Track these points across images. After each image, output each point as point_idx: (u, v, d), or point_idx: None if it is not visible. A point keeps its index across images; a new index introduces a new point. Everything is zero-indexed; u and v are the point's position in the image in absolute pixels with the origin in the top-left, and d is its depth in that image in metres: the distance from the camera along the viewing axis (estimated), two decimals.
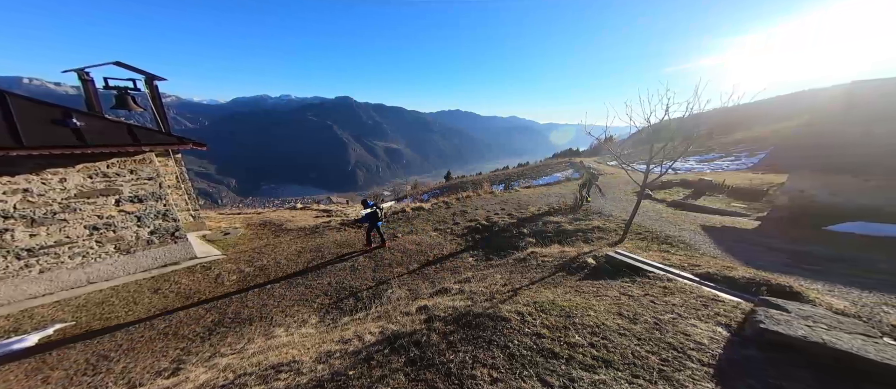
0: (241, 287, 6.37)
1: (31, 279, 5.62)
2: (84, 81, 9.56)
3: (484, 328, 2.64)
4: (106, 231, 6.50)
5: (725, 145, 29.28)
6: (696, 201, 12.81)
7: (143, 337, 4.59)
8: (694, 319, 2.80)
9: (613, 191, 14.11)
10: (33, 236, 5.63)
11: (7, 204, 5.32)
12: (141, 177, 6.94)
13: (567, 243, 7.33)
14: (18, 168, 5.41)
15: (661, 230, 7.71)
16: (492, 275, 5.27)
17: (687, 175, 18.88)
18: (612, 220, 8.93)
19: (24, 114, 5.76)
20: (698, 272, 4.22)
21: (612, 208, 10.53)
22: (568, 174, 22.70)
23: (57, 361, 3.96)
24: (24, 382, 3.55)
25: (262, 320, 5.18)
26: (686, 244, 6.57)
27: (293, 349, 2.95)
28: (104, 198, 6.44)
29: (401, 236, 9.41)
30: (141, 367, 3.87)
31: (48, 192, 5.76)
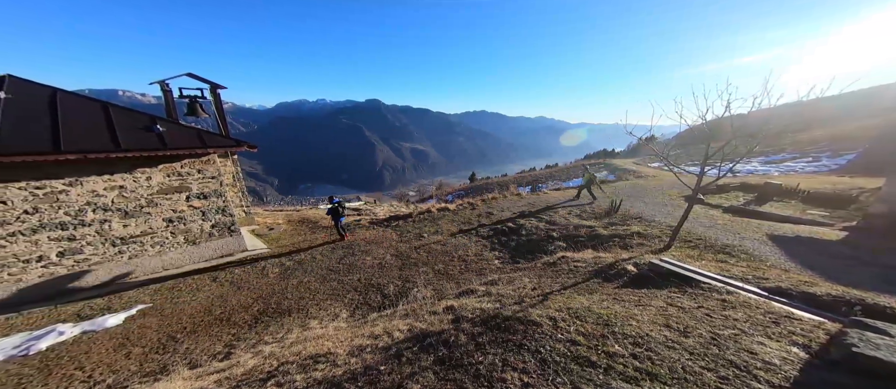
0: (283, 280, 6.92)
1: (122, 264, 6.65)
2: (165, 91, 11.19)
3: (513, 331, 2.58)
4: (178, 224, 7.47)
5: (800, 144, 25.35)
6: (761, 208, 11.25)
7: (203, 322, 5.18)
8: (762, 336, 2.46)
9: (655, 195, 12.96)
10: (126, 226, 6.66)
11: (107, 198, 6.37)
12: (206, 176, 7.87)
13: (602, 248, 6.88)
14: (116, 168, 6.44)
15: (716, 238, 6.89)
16: (520, 278, 5.12)
17: (749, 178, 16.67)
18: (655, 225, 8.20)
19: (121, 122, 6.89)
20: (767, 285, 3.69)
21: (654, 213, 9.68)
22: (602, 176, 21.30)
23: (137, 338, 4.63)
24: (112, 355, 4.20)
25: (299, 311, 5.57)
26: (749, 255, 5.79)
27: (328, 341, 3.14)
28: (178, 194, 7.40)
29: (426, 237, 9.54)
30: (200, 349, 4.37)
31: (138, 189, 6.77)
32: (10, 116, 5.75)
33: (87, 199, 6.12)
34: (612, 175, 21.49)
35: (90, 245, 6.21)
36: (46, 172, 5.65)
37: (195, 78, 11.72)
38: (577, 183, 21.11)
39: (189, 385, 2.59)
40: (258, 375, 2.49)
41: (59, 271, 5.86)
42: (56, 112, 6.30)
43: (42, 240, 5.65)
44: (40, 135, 5.61)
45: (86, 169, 6.04)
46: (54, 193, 5.76)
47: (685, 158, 24.98)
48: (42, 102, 6.53)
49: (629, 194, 12.89)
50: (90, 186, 6.13)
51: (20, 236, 5.42)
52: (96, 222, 6.24)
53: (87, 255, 6.19)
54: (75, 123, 6.26)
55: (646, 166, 25.47)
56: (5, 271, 5.32)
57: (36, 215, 5.58)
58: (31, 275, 5.58)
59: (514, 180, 27.94)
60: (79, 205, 6.03)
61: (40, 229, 5.63)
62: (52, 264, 5.78)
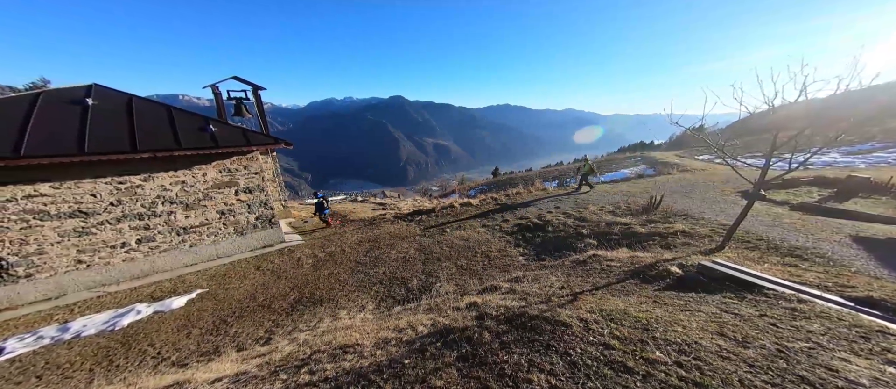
0: (316, 270, 7.35)
1: (185, 251, 7.55)
2: (216, 94, 12.40)
3: (540, 331, 2.46)
4: (229, 216, 8.27)
5: (893, 133, 21.19)
6: (841, 205, 9.62)
7: (249, 307, 5.70)
8: (845, 352, 2.08)
9: (704, 190, 11.68)
10: (187, 217, 7.53)
11: (172, 192, 7.24)
12: (251, 172, 8.59)
13: (639, 247, 6.35)
14: (178, 165, 7.28)
15: (782, 239, 6.01)
16: (546, 276, 4.91)
17: (825, 171, 14.27)
18: (703, 224, 7.39)
19: (181, 123, 7.76)
20: (853, 295, 3.14)
21: (702, 210, 8.74)
22: (639, 171, 19.63)
23: (196, 319, 5.23)
24: (176, 334, 4.78)
25: (330, 302, 5.88)
26: (826, 259, 4.94)
27: (355, 332, 3.27)
28: (228, 189, 8.19)
29: (449, 232, 9.54)
30: (246, 333, 4.81)
31: (196, 183, 7.60)
32: (97, 120, 6.75)
33: (158, 193, 7.01)
34: (651, 169, 19.74)
35: (161, 234, 7.13)
36: (126, 168, 6.57)
37: (240, 81, 12.83)
38: (611, 177, 19.75)
39: (236, 367, 2.86)
40: (293, 362, 2.68)
41: (137, 255, 6.82)
42: (132, 116, 7.27)
43: (125, 228, 6.60)
44: (121, 137, 6.52)
45: (155, 166, 6.91)
46: (133, 187, 6.69)
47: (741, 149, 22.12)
48: (121, 107, 7.55)
49: (672, 190, 11.75)
50: (159, 181, 7.02)
51: (107, 225, 6.38)
52: (165, 213, 7.14)
53: (159, 242, 7.11)
54: (146, 126, 7.17)
55: (692, 159, 23.03)
56: (97, 254, 6.31)
57: (119, 206, 6.53)
58: (117, 259, 6.57)
59: (538, 174, 26.86)
60: (151, 198, 6.94)
61: (123, 219, 6.59)
62: (132, 249, 6.74)
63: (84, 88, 8.15)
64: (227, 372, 2.69)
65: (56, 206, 5.85)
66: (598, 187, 13.74)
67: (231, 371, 2.72)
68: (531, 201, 12.16)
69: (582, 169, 13.60)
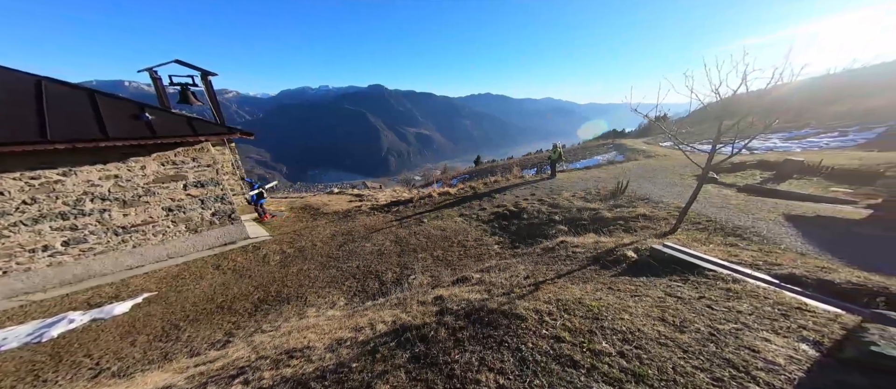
0: (283, 267, 7.01)
1: (127, 252, 6.83)
2: (154, 79, 11.00)
3: (497, 326, 2.46)
4: (178, 212, 7.56)
5: (825, 119, 23.67)
6: (779, 186, 10.64)
7: (205, 310, 5.31)
8: (767, 332, 2.27)
9: (665, 175, 12.42)
10: (126, 215, 6.77)
11: (103, 188, 6.42)
12: (201, 164, 7.83)
13: (604, 232, 6.64)
14: (108, 157, 6.42)
15: (727, 220, 6.53)
16: (515, 265, 4.99)
17: (767, 155, 15.74)
18: (662, 207, 7.86)
19: (109, 110, 6.78)
20: (779, 272, 3.43)
21: (662, 194, 9.28)
22: (610, 157, 20.51)
23: (143, 326, 4.78)
24: (119, 342, 4.35)
25: (298, 299, 5.65)
26: (762, 238, 5.44)
27: (311, 333, 3.13)
28: (175, 183, 7.42)
29: (426, 222, 9.46)
30: (201, 337, 4.48)
31: (133, 178, 6.79)
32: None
33: (84, 189, 6.18)
34: (621, 156, 20.68)
35: (93, 234, 6.36)
36: (39, 161, 5.67)
37: (184, 65, 11.45)
38: (584, 164, 20.47)
39: (164, 379, 2.62)
40: (231, 370, 2.49)
41: (66, 260, 6.06)
42: (42, 101, 6.22)
43: (45, 230, 5.79)
44: (27, 124, 5.58)
45: (77, 159, 6.05)
46: (50, 183, 5.82)
47: (697, 136, 23.76)
48: (26, 90, 6.40)
49: (638, 175, 12.39)
50: (85, 175, 6.18)
51: (22, 227, 5.56)
52: (96, 212, 6.35)
53: (92, 244, 6.35)
54: (62, 112, 6.19)
55: (657, 145, 24.38)
56: (13, 260, 5.52)
57: (35, 205, 5.69)
58: (40, 264, 5.79)
59: (518, 162, 27.31)
60: (76, 195, 6.11)
61: (42, 220, 5.76)
62: (58, 253, 5.96)
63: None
64: (152, 384, 2.46)
65: None
66: (572, 175, 14.18)
67: (158, 383, 2.49)
68: (509, 187, 12.31)
69: (551, 156, 13.91)
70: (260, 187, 10.82)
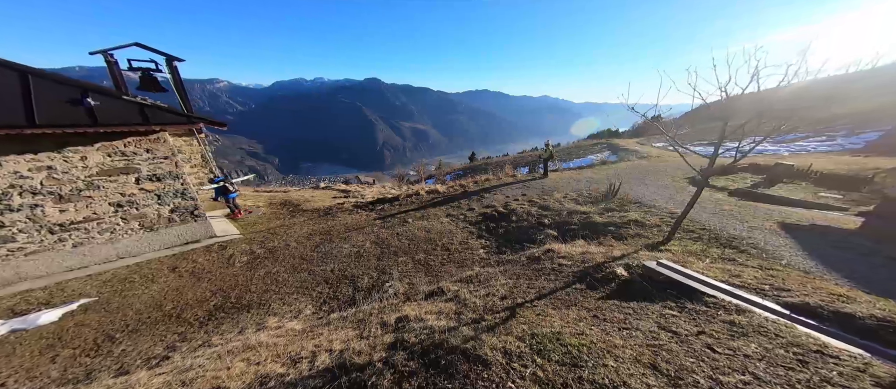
0: (250, 270, 6.42)
1: (66, 252, 6.10)
2: (108, 63, 9.91)
3: (453, 373, 2.00)
4: (130, 208, 6.81)
5: (813, 123, 24.02)
6: (770, 191, 10.54)
7: (150, 319, 4.71)
8: (784, 387, 1.87)
9: (658, 177, 12.19)
10: (63, 211, 6.01)
11: (34, 180, 5.65)
12: (157, 156, 7.06)
13: (594, 239, 6.28)
14: (39, 146, 5.62)
15: (722, 228, 6.24)
16: (495, 277, 4.56)
17: (757, 159, 15.74)
18: (654, 212, 7.55)
19: (44, 93, 5.91)
20: (789, 300, 3.07)
21: (654, 197, 9.00)
22: (604, 157, 20.30)
23: (71, 338, 4.16)
24: (36, 358, 3.74)
25: (260, 307, 5.11)
26: (760, 250, 5.13)
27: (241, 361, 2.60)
28: (125, 176, 6.66)
29: (411, 222, 8.96)
30: (137, 351, 3.91)
31: (71, 170, 6.01)
32: None
33: (10, 181, 5.41)
34: (614, 156, 20.51)
35: (23, 232, 5.61)
36: None
37: (145, 48, 10.38)
38: (578, 164, 20.23)
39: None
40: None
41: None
42: None
43: None
44: None
45: (0, 147, 5.25)
46: None
47: (693, 137, 23.81)
48: None
49: (631, 177, 12.12)
50: (11, 166, 5.39)
51: None
52: (25, 207, 5.59)
53: (22, 243, 5.61)
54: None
55: (650, 146, 24.34)
56: None
57: None
58: None
59: (512, 160, 26.91)
60: (1, 188, 5.33)
61: None
62: None
63: None
64: None
65: None
66: (564, 174, 13.85)
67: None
68: (500, 187, 11.89)
69: (543, 155, 13.45)
70: (222, 180, 9.67)
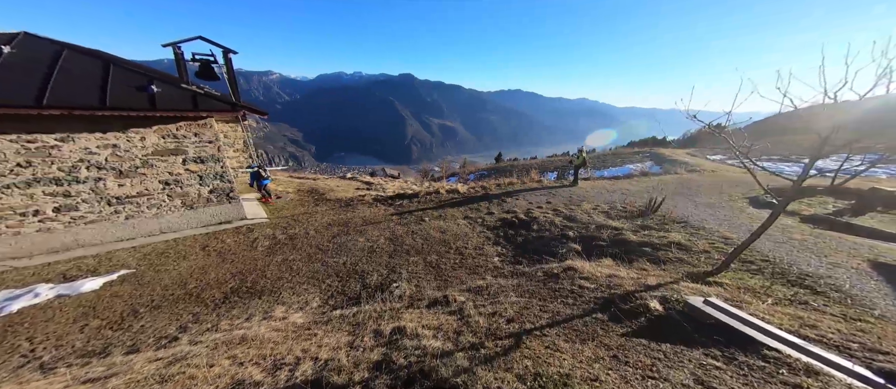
0: (269, 255, 6.68)
1: (119, 224, 6.83)
2: (176, 53, 11.06)
3: None
4: (175, 187, 7.47)
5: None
6: (858, 220, 8.68)
7: (173, 296, 5.04)
8: None
9: (710, 194, 10.70)
10: (121, 186, 6.74)
11: (100, 156, 6.39)
12: (203, 140, 7.66)
13: (625, 260, 5.56)
14: (108, 126, 6.35)
15: (792, 262, 5.17)
16: (506, 292, 4.16)
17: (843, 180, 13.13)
18: (702, 235, 6.55)
19: (119, 80, 6.73)
20: (886, 366, 2.35)
21: (704, 217, 7.85)
22: (645, 167, 18.42)
23: (103, 309, 4.56)
24: (69, 326, 4.13)
25: (271, 294, 5.24)
26: (844, 295, 4.10)
27: (227, 359, 2.56)
28: (174, 157, 7.31)
29: (427, 221, 8.79)
30: (153, 329, 4.16)
31: (132, 149, 6.72)
32: (7, 70, 5.76)
33: (80, 156, 6.15)
34: (657, 166, 18.58)
35: (86, 202, 6.36)
36: (37, 126, 5.66)
37: (207, 41, 11.44)
38: (613, 172, 18.68)
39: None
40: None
41: (56, 227, 6.11)
42: (53, 68, 6.24)
43: (37, 194, 5.83)
44: (27, 89, 5.54)
45: (75, 125, 5.99)
46: (46, 147, 5.82)
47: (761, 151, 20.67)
48: (45, 58, 6.52)
49: (676, 191, 10.79)
50: (82, 142, 6.13)
51: (15, 189, 5.60)
52: (90, 180, 6.33)
53: (83, 212, 6.37)
54: (68, 79, 6.16)
55: (704, 158, 21.71)
56: (3, 223, 5.60)
57: (29, 168, 5.71)
58: (29, 228, 5.86)
59: (539, 164, 25.65)
60: (72, 161, 6.09)
61: (35, 183, 5.79)
62: (48, 219, 6.01)
63: (7, 35, 7.03)
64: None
65: None
66: (597, 183, 12.78)
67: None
68: (524, 191, 11.29)
69: (575, 161, 12.45)
70: (257, 167, 10.53)
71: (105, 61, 7.30)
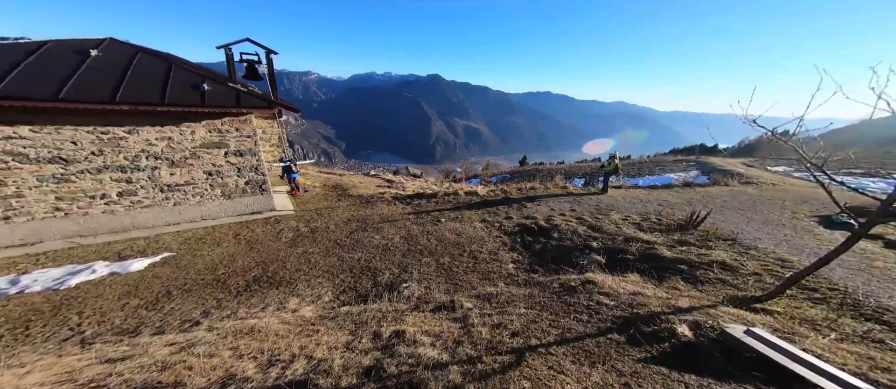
0: (291, 246, 7.03)
1: (168, 209, 7.62)
2: (227, 55, 12.21)
3: None
4: (216, 177, 8.18)
5: None
6: None
7: (203, 281, 5.46)
8: None
9: (769, 210, 9.39)
10: (172, 175, 7.52)
11: (157, 148, 7.19)
12: (243, 134, 8.32)
13: (654, 277, 5.02)
14: (165, 121, 7.13)
15: (868, 293, 4.30)
16: (516, 302, 3.93)
17: None
18: (754, 255, 5.72)
19: (178, 78, 7.56)
20: None
21: (758, 236, 6.89)
22: (689, 177, 16.63)
23: (143, 289, 5.06)
24: (113, 303, 4.60)
25: (289, 285, 5.47)
26: None
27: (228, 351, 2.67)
28: (217, 149, 8.01)
29: (443, 222, 8.72)
30: (181, 312, 4.50)
31: (183, 141, 7.48)
32: (90, 70, 6.71)
33: (142, 146, 6.98)
34: (705, 177, 16.71)
35: (143, 189, 7.19)
36: (110, 119, 6.51)
37: (253, 43, 12.50)
38: (650, 181, 17.23)
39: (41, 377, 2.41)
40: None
41: (118, 209, 6.97)
42: (127, 69, 7.18)
43: (105, 179, 6.70)
44: (104, 87, 6.41)
45: (139, 119, 6.81)
46: (116, 138, 6.67)
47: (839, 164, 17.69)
48: (122, 60, 7.55)
49: (726, 205, 9.62)
50: (144, 135, 6.95)
51: (87, 174, 6.49)
52: (148, 168, 7.15)
53: (141, 198, 7.20)
54: (138, 79, 7.04)
55: (763, 169, 19.18)
56: (75, 204, 6.50)
57: (101, 157, 6.58)
58: (96, 210, 6.75)
59: (566, 169, 24.36)
60: (135, 151, 6.93)
61: (104, 170, 6.67)
62: (112, 202, 6.87)
63: (96, 40, 8.23)
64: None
65: (35, 150, 5.97)
66: (630, 192, 11.81)
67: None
68: (546, 197, 10.78)
69: (606, 167, 11.50)
70: (289, 161, 11.24)
71: (168, 62, 8.23)
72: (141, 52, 8.28)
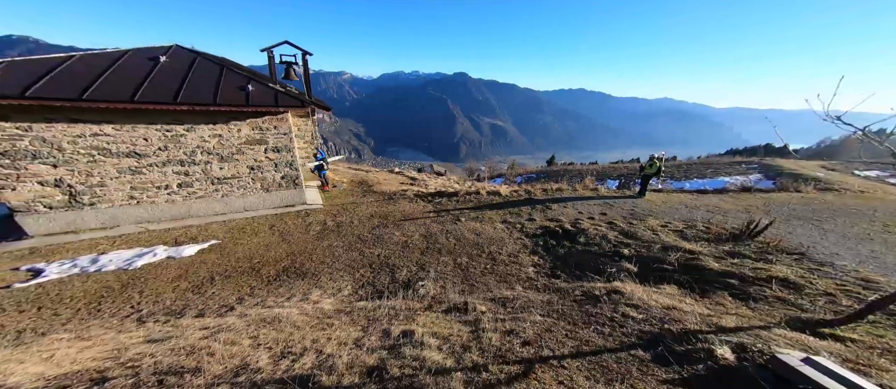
0: (318, 239, 7.44)
1: (217, 200, 8.50)
2: (269, 57, 13.28)
3: None
4: (257, 172, 8.95)
5: None
6: None
7: (241, 268, 5.98)
8: None
9: (853, 221, 7.94)
10: (221, 168, 8.37)
11: (210, 144, 8.05)
12: (280, 131, 8.99)
13: (692, 290, 4.47)
14: (217, 119, 7.95)
15: None
16: (531, 309, 3.74)
17: None
18: (828, 273, 4.88)
19: (228, 80, 8.38)
20: None
21: (836, 250, 5.87)
22: (748, 181, 14.54)
23: (191, 273, 5.65)
24: (167, 285, 5.20)
25: (313, 277, 5.77)
26: None
27: (248, 339, 2.86)
28: (259, 146, 8.75)
29: (463, 221, 8.63)
30: (220, 297, 4.95)
31: (231, 138, 8.28)
32: (159, 74, 7.69)
33: (198, 143, 7.87)
34: (769, 181, 14.57)
35: (198, 181, 8.11)
36: (173, 118, 7.42)
37: (292, 45, 13.43)
38: (698, 185, 15.52)
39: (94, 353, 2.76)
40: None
41: (177, 199, 7.93)
42: (188, 73, 8.12)
43: (168, 172, 7.66)
44: (170, 89, 7.32)
45: (196, 118, 7.67)
46: (178, 135, 7.60)
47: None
48: (185, 64, 8.55)
49: (795, 214, 8.33)
50: (200, 132, 7.83)
51: (155, 168, 7.48)
52: (202, 163, 8.04)
53: (196, 189, 8.13)
54: (196, 82, 7.94)
55: (848, 173, 16.25)
56: (145, 193, 7.51)
57: (166, 152, 7.54)
58: (161, 199, 7.74)
59: (599, 170, 22.73)
60: (192, 147, 7.83)
61: (168, 164, 7.63)
62: (174, 193, 7.84)
63: (164, 47, 9.41)
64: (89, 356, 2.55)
65: (116, 145, 7.02)
66: (672, 197, 10.70)
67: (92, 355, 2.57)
68: (574, 200, 10.19)
69: (646, 169, 10.43)
70: (323, 158, 11.97)
71: (220, 66, 9.14)
72: (199, 57, 9.28)
